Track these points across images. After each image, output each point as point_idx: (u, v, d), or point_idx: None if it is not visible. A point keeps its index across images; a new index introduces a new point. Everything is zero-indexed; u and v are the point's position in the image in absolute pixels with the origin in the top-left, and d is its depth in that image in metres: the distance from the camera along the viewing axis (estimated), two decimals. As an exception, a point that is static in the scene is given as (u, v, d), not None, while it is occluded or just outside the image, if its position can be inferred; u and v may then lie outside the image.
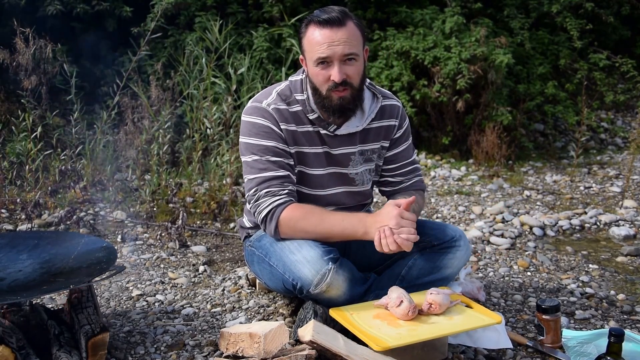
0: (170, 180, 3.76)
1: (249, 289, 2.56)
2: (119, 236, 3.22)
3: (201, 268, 2.82)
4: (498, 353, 2.03)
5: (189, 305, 2.42)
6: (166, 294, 2.53)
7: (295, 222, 2.03)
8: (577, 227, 3.46)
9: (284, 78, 2.25)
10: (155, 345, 2.07)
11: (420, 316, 1.91)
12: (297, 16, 4.94)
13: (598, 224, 3.51)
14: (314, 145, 2.15)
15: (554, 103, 5.20)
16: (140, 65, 4.60)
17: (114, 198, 3.68)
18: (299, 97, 2.13)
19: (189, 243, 3.16)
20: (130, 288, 2.60)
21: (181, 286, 2.62)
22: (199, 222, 3.48)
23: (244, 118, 2.14)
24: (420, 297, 1.97)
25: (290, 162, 2.11)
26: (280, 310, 2.35)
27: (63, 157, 3.73)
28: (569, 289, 2.61)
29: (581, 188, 4.28)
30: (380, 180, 2.34)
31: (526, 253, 3.05)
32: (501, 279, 2.71)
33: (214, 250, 3.10)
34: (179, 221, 3.17)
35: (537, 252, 3.06)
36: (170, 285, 2.63)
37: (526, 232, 3.36)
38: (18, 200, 3.52)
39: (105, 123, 3.89)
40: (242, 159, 2.14)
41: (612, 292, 2.58)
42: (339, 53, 1.98)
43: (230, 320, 2.28)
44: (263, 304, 2.41)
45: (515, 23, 5.40)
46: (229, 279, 2.69)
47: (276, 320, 2.27)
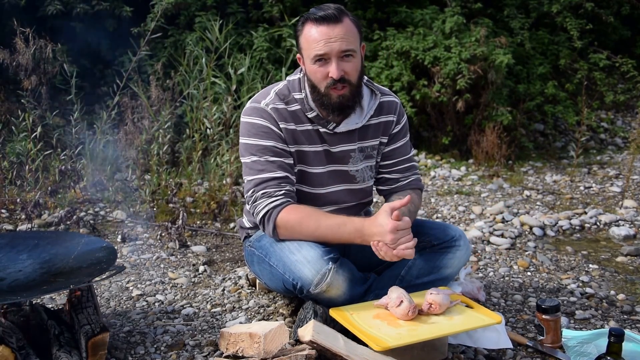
0: (170, 180, 3.76)
1: (249, 289, 2.56)
2: (119, 236, 3.22)
3: (201, 268, 2.82)
4: (498, 353, 2.03)
5: (189, 305, 2.42)
6: (166, 294, 2.53)
7: (292, 227, 2.03)
8: (577, 227, 3.46)
9: (284, 78, 2.25)
10: (155, 345, 2.07)
11: (420, 316, 1.91)
12: (297, 16, 4.94)
13: (598, 224, 3.51)
14: (313, 144, 2.15)
15: (554, 103, 5.20)
16: (140, 65, 4.59)
17: (114, 198, 3.68)
18: (297, 96, 2.13)
19: (189, 243, 3.16)
20: (130, 288, 2.60)
21: (181, 286, 2.62)
22: (199, 222, 3.48)
23: (243, 119, 2.14)
24: (420, 297, 1.97)
25: (290, 162, 2.11)
26: (280, 310, 2.35)
27: (63, 157, 3.73)
28: (569, 289, 2.61)
29: (581, 188, 4.28)
30: (377, 178, 2.33)
31: (526, 253, 3.05)
32: (501, 279, 2.71)
33: (214, 250, 3.10)
34: (179, 221, 3.17)
35: (537, 252, 3.06)
36: (170, 285, 2.63)
37: (526, 232, 3.36)
38: (18, 200, 3.52)
39: (105, 123, 3.89)
40: (242, 160, 2.14)
41: (612, 292, 2.58)
42: (336, 50, 1.98)
43: (230, 320, 2.28)
44: (263, 304, 2.41)
45: (515, 23, 5.40)
46: (229, 279, 2.69)
47: (276, 320, 2.27)
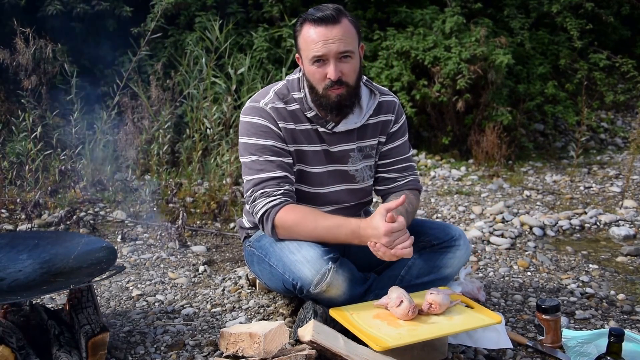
0: (170, 180, 3.76)
1: (249, 289, 2.56)
2: (119, 236, 3.22)
3: (201, 268, 2.82)
4: (498, 353, 2.03)
5: (189, 305, 2.42)
6: (166, 294, 2.53)
7: (289, 227, 2.03)
8: (577, 227, 3.46)
9: (284, 78, 2.25)
10: (155, 345, 2.07)
11: (420, 316, 1.91)
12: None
13: (598, 224, 3.51)
14: (312, 143, 2.15)
15: (554, 103, 5.20)
16: (140, 65, 4.60)
17: (114, 198, 3.68)
18: (296, 96, 2.13)
19: (189, 243, 3.16)
20: (130, 288, 2.60)
21: (181, 286, 2.62)
22: (199, 222, 3.48)
23: (242, 118, 2.14)
24: (420, 297, 1.97)
25: (289, 161, 2.11)
26: (280, 310, 2.35)
27: (63, 157, 3.73)
28: (569, 289, 2.61)
29: (581, 188, 4.28)
30: (375, 177, 2.32)
31: (526, 253, 3.05)
32: (501, 279, 2.71)
33: (214, 250, 3.10)
34: (179, 221, 3.17)
35: (537, 252, 3.06)
36: (170, 285, 2.63)
37: (526, 232, 3.36)
38: (18, 200, 3.52)
39: (105, 123, 3.89)
40: (241, 160, 2.14)
41: (612, 292, 2.58)
42: (334, 51, 1.98)
43: (230, 320, 2.28)
44: (263, 304, 2.41)
45: (515, 23, 5.40)
46: (229, 279, 2.69)
47: (276, 320, 2.27)
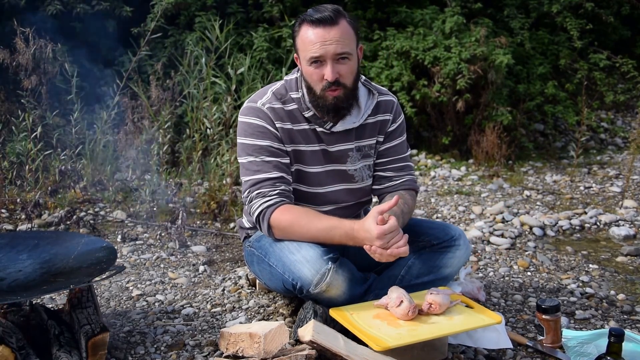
0: (170, 180, 3.76)
1: (249, 289, 2.56)
2: (119, 236, 3.22)
3: (201, 268, 2.82)
4: (498, 353, 2.03)
5: (189, 305, 2.42)
6: (166, 294, 2.53)
7: (284, 228, 2.03)
8: (577, 227, 3.46)
9: (283, 78, 2.25)
10: (155, 345, 2.07)
11: (420, 316, 1.91)
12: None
13: (598, 224, 3.51)
14: (310, 143, 2.15)
15: (554, 103, 5.20)
16: (140, 65, 4.59)
17: (114, 198, 3.68)
18: (294, 96, 2.13)
19: (189, 243, 3.16)
20: (130, 288, 2.60)
21: (181, 286, 2.62)
22: (199, 222, 3.48)
23: (240, 119, 2.15)
24: (420, 297, 1.97)
25: (286, 162, 2.11)
26: (280, 310, 2.35)
27: (63, 157, 3.73)
28: (569, 289, 2.61)
29: (581, 188, 4.28)
30: (372, 176, 2.32)
31: (526, 253, 3.05)
32: (501, 279, 2.71)
33: (214, 250, 3.10)
34: (179, 221, 3.16)
35: (537, 252, 3.06)
36: (170, 285, 2.63)
37: (526, 232, 3.35)
38: (18, 200, 3.52)
39: (105, 123, 3.89)
40: (239, 161, 2.15)
41: (612, 292, 2.58)
42: (331, 52, 1.98)
43: (230, 320, 2.28)
44: (263, 304, 2.41)
45: (515, 23, 5.40)
46: (229, 279, 2.69)
47: (276, 320, 2.27)
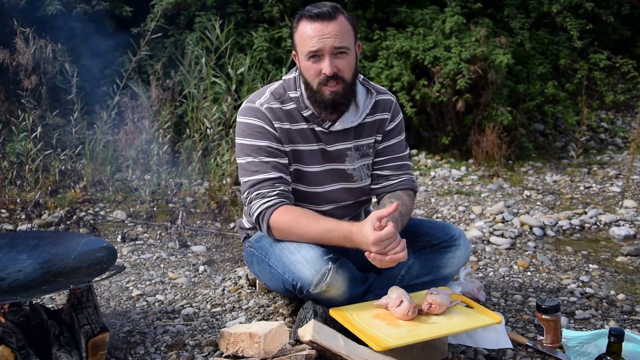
0: (170, 180, 3.76)
1: (249, 289, 2.56)
2: (119, 236, 3.22)
3: (201, 268, 2.82)
4: (498, 353, 2.03)
5: (189, 305, 2.42)
6: (166, 294, 2.53)
7: (283, 229, 2.03)
8: (577, 227, 3.46)
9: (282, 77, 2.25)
10: (155, 345, 2.07)
11: (420, 316, 1.91)
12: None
13: (598, 224, 3.51)
14: (309, 143, 2.14)
15: (554, 103, 5.20)
16: (140, 65, 4.60)
17: (114, 198, 3.68)
18: (292, 95, 2.13)
19: (189, 243, 3.16)
20: (130, 288, 2.60)
21: (181, 286, 2.62)
22: (199, 222, 3.48)
23: (238, 119, 2.15)
24: (420, 297, 1.97)
25: (285, 162, 2.11)
26: (280, 310, 2.35)
27: (63, 157, 3.73)
28: (569, 289, 2.61)
29: (581, 188, 4.28)
30: (370, 175, 2.32)
31: (526, 253, 3.05)
32: (501, 279, 2.71)
33: (214, 250, 3.10)
34: (178, 221, 3.16)
35: (537, 252, 3.06)
36: (170, 285, 2.63)
37: (526, 232, 3.35)
38: (18, 200, 3.52)
39: (105, 123, 3.89)
40: (238, 161, 2.15)
41: (612, 292, 2.58)
42: (329, 46, 1.98)
43: (230, 320, 2.28)
44: (263, 304, 2.41)
45: (515, 23, 5.40)
46: (229, 279, 2.69)
47: (276, 320, 2.27)
